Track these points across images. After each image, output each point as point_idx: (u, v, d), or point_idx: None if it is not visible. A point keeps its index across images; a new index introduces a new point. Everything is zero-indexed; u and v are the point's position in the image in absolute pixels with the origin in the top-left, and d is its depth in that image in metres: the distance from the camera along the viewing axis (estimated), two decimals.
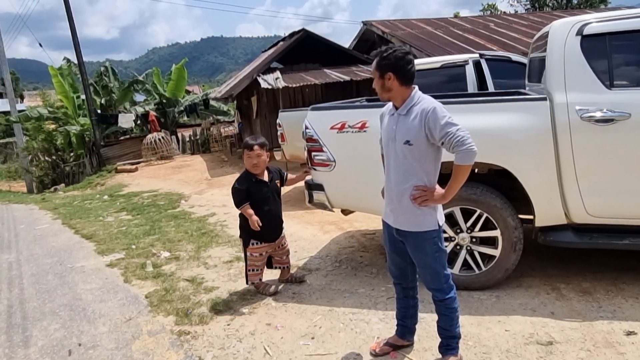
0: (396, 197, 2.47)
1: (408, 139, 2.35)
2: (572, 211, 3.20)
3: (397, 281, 2.71)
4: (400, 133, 2.39)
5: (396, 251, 2.61)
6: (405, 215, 2.44)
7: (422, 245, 2.44)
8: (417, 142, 2.33)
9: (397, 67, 2.34)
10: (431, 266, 2.47)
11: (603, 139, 3.05)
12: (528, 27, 14.17)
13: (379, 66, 2.39)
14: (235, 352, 2.92)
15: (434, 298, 2.55)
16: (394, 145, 2.43)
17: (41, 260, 5.46)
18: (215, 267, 4.55)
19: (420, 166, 2.38)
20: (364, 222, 5.54)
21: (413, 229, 2.43)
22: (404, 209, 2.44)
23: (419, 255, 2.48)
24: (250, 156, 3.56)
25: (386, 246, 2.69)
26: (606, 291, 3.28)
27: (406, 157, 2.38)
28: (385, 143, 2.52)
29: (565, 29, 3.22)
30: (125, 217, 7.72)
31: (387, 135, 2.50)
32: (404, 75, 2.36)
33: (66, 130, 17.74)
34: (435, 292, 2.52)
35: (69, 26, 16.00)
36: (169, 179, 12.02)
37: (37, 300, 4.13)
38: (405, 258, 2.59)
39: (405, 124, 2.37)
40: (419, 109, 2.33)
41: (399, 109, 2.42)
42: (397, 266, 2.66)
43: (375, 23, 14.62)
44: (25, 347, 3.26)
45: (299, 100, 12.79)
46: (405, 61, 2.35)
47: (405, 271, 2.65)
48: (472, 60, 6.59)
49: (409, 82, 2.38)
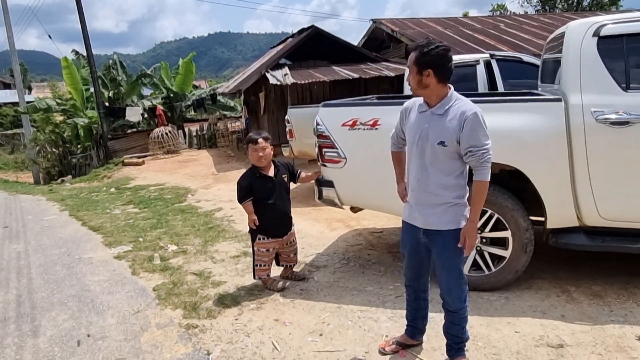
0: (424, 198, 2.39)
1: (443, 139, 2.27)
2: (585, 213, 3.18)
3: (410, 284, 2.66)
4: (434, 133, 2.29)
5: (418, 254, 2.54)
6: (435, 213, 2.36)
7: (450, 243, 2.37)
8: (451, 143, 2.26)
9: (438, 64, 2.24)
10: (457, 266, 2.42)
11: (618, 142, 3.03)
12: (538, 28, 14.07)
13: (419, 61, 2.26)
14: (244, 347, 2.92)
15: (449, 308, 2.50)
16: (424, 144, 2.33)
17: (49, 250, 5.49)
18: (223, 261, 4.56)
19: (453, 166, 2.32)
20: (371, 220, 5.53)
21: (446, 227, 2.36)
22: (435, 208, 2.36)
23: (447, 254, 2.40)
24: (255, 149, 3.57)
25: (405, 249, 2.60)
26: (617, 295, 3.25)
27: (438, 157, 2.31)
28: (413, 141, 2.40)
29: (581, 30, 3.19)
30: (132, 210, 7.74)
31: (415, 132, 2.38)
32: (443, 73, 2.26)
33: (74, 123, 17.77)
34: (455, 300, 2.46)
35: (79, 19, 16.02)
36: (176, 173, 12.04)
37: (45, 290, 4.15)
38: (424, 262, 2.55)
39: (441, 124, 2.28)
40: (457, 111, 2.25)
41: (434, 108, 2.32)
42: (414, 270, 2.60)
43: (385, 21, 14.55)
44: (34, 336, 3.28)
45: (306, 97, 12.76)
46: (447, 59, 2.25)
47: (421, 273, 2.60)
48: (483, 60, 6.57)
49: (446, 80, 2.29)
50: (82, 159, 17.76)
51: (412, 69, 2.29)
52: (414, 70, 2.29)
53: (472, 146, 2.21)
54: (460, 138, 2.23)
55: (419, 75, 2.27)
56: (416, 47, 2.28)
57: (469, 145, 2.21)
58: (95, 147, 17.49)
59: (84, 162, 17.58)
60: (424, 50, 2.24)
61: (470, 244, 2.32)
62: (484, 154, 2.21)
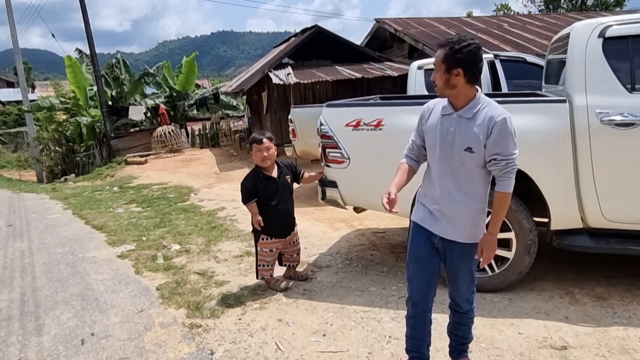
0: (446, 205, 2.23)
1: (470, 145, 2.11)
2: (589, 215, 3.17)
3: (419, 300, 2.37)
4: (461, 138, 2.13)
5: (429, 260, 2.34)
6: (457, 225, 2.22)
7: (468, 254, 2.26)
8: (479, 150, 2.11)
9: (469, 63, 2.06)
10: (471, 271, 2.32)
11: (623, 143, 3.02)
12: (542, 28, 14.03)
13: (448, 59, 2.07)
14: (247, 347, 2.93)
15: (458, 310, 2.42)
16: (449, 148, 2.17)
17: (53, 249, 5.50)
18: (226, 261, 4.56)
19: (479, 174, 2.17)
20: (374, 221, 5.53)
21: (465, 240, 2.24)
22: (456, 219, 2.22)
23: (464, 262, 2.29)
24: (260, 149, 3.57)
25: (415, 253, 2.36)
26: (621, 297, 3.25)
27: (464, 164, 2.15)
28: (436, 144, 2.23)
29: (587, 31, 3.18)
30: (135, 209, 7.76)
31: (440, 136, 2.20)
32: (474, 73, 2.09)
33: (77, 121, 17.84)
34: (465, 302, 2.38)
35: (83, 18, 16.07)
36: (178, 172, 12.06)
37: (49, 289, 4.17)
38: (434, 271, 2.35)
39: (469, 128, 2.11)
40: (486, 115, 2.09)
41: (461, 111, 2.14)
42: (423, 280, 2.35)
43: (388, 21, 14.54)
44: (38, 335, 3.29)
45: (309, 96, 12.77)
46: (478, 58, 2.08)
47: (431, 285, 2.37)
48: (487, 61, 6.56)
49: (475, 81, 2.12)
50: (85, 158, 17.82)
51: (440, 67, 2.11)
52: (442, 68, 2.10)
53: (498, 154, 2.08)
54: (487, 144, 2.09)
55: (447, 73, 2.09)
56: (446, 43, 2.09)
57: (495, 152, 2.08)
58: (98, 146, 17.55)
59: (87, 161, 17.65)
60: (455, 47, 2.05)
61: (487, 257, 2.21)
62: (508, 163, 2.08)
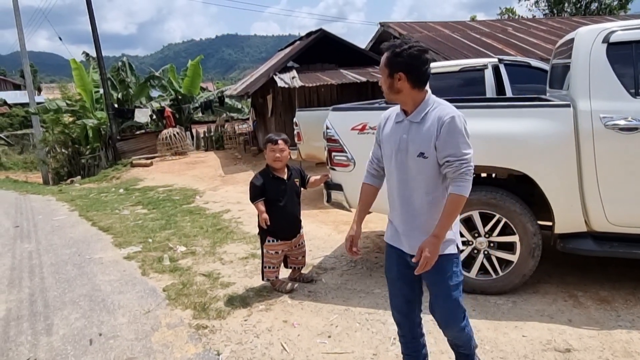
0: (409, 218, 2.11)
1: (422, 150, 2.00)
2: (593, 219, 3.19)
3: (402, 319, 2.29)
4: (413, 144, 2.03)
5: (406, 279, 2.19)
6: (421, 238, 2.02)
7: (443, 269, 2.07)
8: (431, 153, 2.00)
9: (411, 66, 1.98)
10: (452, 295, 2.10)
11: (626, 148, 3.04)
12: (547, 32, 14.03)
13: (390, 63, 2.01)
14: (253, 348, 2.96)
15: (448, 340, 2.26)
16: (404, 157, 2.07)
17: (60, 250, 5.56)
18: (231, 262, 4.60)
19: (436, 181, 2.05)
20: (378, 223, 5.54)
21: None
22: (419, 232, 2.07)
23: (440, 280, 2.10)
24: (274, 150, 3.62)
25: (391, 273, 2.25)
26: (625, 300, 3.26)
27: (421, 171, 2.04)
28: (390, 154, 2.12)
29: (591, 36, 3.21)
30: (141, 210, 7.82)
31: (393, 145, 2.10)
32: (418, 78, 1.99)
33: (83, 124, 17.97)
34: (452, 332, 2.19)
35: (90, 21, 16.23)
36: (184, 175, 12.13)
37: (57, 289, 4.22)
38: (414, 288, 2.22)
39: (420, 133, 2.02)
40: (434, 115, 2.00)
41: (411, 115, 2.06)
42: (404, 298, 2.24)
43: (393, 25, 14.57)
44: (47, 335, 3.34)
45: (314, 100, 12.81)
46: (421, 61, 1.99)
47: (413, 302, 2.25)
48: (491, 65, 6.58)
49: (422, 85, 2.02)
50: (90, 160, 17.94)
51: (384, 72, 2.05)
52: (385, 73, 2.04)
53: (450, 155, 1.96)
54: (437, 146, 1.98)
55: (390, 78, 2.02)
56: (388, 47, 2.03)
57: (447, 153, 1.97)
58: (104, 148, 17.67)
59: (93, 163, 17.76)
60: (395, 51, 1.99)
61: (425, 261, 1.95)
62: (462, 164, 1.95)
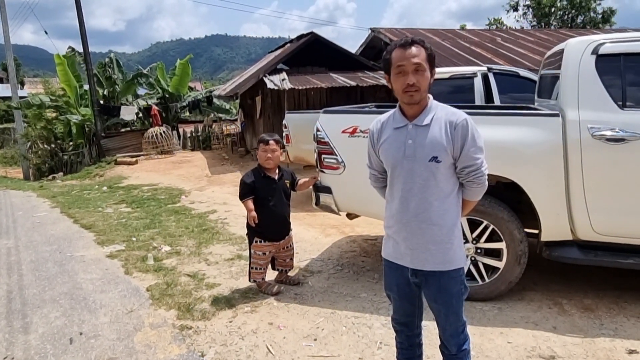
0: (418, 228, 1.96)
1: (435, 154, 1.88)
2: (579, 227, 3.23)
3: (401, 328, 2.24)
4: (422, 148, 1.89)
5: (407, 297, 2.12)
6: (429, 251, 1.95)
7: (448, 285, 1.99)
8: (445, 157, 1.89)
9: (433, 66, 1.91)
10: (456, 311, 2.03)
11: (613, 158, 3.08)
12: (535, 43, 14.27)
13: (430, 59, 1.88)
14: (238, 350, 2.92)
15: (446, 352, 2.15)
16: (411, 164, 1.92)
17: (40, 247, 5.44)
18: (217, 263, 4.55)
19: (450, 184, 1.95)
20: (365, 228, 5.56)
21: (440, 267, 1.97)
22: (428, 244, 1.95)
23: (444, 298, 2.01)
24: (265, 150, 3.61)
25: (392, 292, 2.16)
26: (608, 309, 3.30)
27: (434, 176, 1.91)
28: (395, 163, 1.98)
29: (580, 48, 3.26)
30: (125, 209, 7.70)
31: (396, 153, 1.96)
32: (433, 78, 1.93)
33: (67, 119, 17.67)
34: (453, 345, 2.10)
35: (77, 16, 15.98)
36: (169, 174, 11.99)
37: (36, 287, 4.11)
38: (415, 303, 2.14)
39: (428, 137, 1.89)
40: (443, 118, 1.90)
41: (416, 119, 1.92)
42: (405, 314, 2.18)
43: (383, 31, 14.66)
44: (25, 333, 3.25)
45: (303, 102, 12.80)
46: None
47: (413, 318, 2.19)
48: (481, 73, 6.65)
49: None
50: (73, 157, 17.63)
51: (422, 67, 1.85)
52: (424, 69, 1.85)
53: (468, 159, 1.91)
54: (454, 150, 1.89)
55: (430, 76, 1.89)
56: (420, 42, 1.88)
57: (464, 157, 1.91)
58: (87, 145, 17.39)
59: (76, 160, 17.46)
60: (428, 46, 1.88)
61: None
62: (478, 167, 1.92)
